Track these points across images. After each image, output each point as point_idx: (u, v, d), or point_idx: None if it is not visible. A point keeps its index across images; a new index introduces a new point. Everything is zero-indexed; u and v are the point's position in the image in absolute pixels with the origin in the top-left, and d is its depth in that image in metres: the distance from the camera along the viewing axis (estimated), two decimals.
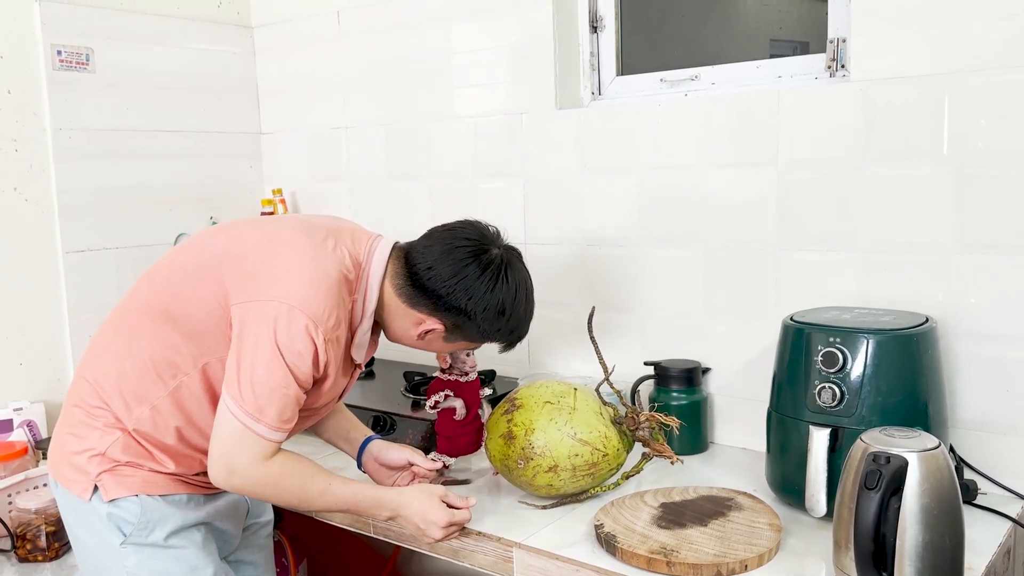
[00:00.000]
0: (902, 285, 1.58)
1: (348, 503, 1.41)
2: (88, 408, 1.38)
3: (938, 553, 1.14)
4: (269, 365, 1.27)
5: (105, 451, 1.36)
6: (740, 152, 1.74)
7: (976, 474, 1.52)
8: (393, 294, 1.41)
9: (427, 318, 1.40)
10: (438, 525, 1.40)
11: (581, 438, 1.47)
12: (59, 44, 2.15)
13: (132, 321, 1.39)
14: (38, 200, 2.14)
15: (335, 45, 2.39)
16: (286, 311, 1.27)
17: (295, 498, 1.37)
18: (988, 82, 1.47)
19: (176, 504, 1.40)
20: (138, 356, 1.36)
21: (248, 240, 1.38)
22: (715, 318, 1.82)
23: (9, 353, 2.11)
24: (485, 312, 1.39)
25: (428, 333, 1.42)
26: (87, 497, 1.36)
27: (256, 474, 1.31)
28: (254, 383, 1.27)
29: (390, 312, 1.42)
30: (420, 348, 1.49)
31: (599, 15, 2.03)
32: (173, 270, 1.40)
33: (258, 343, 1.27)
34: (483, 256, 1.39)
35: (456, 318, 1.39)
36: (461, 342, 1.46)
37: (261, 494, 1.35)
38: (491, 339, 1.45)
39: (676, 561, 1.25)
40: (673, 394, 1.77)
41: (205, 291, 1.34)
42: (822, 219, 1.66)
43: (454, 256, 1.38)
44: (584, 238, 1.98)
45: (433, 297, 1.38)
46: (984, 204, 1.49)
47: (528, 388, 1.56)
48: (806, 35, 1.86)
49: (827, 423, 1.39)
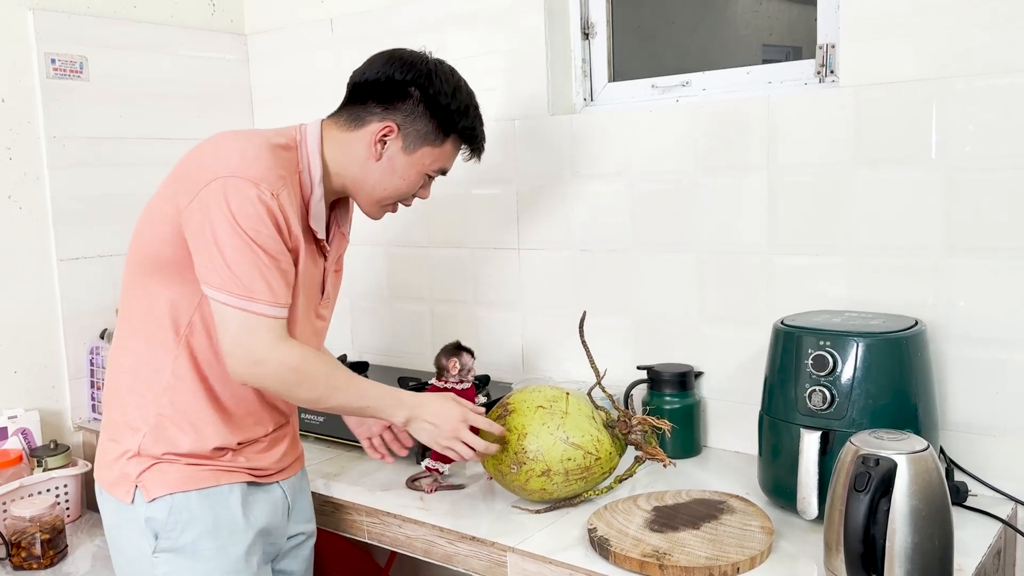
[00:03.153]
0: (892, 288, 1.60)
1: (371, 397, 1.39)
2: (118, 407, 1.38)
3: (927, 554, 1.15)
4: (232, 242, 1.24)
5: (139, 449, 1.34)
6: (731, 157, 1.76)
7: (966, 476, 1.53)
8: (342, 133, 1.43)
9: (377, 125, 1.40)
10: (456, 418, 1.41)
11: (573, 442, 1.48)
12: (53, 52, 2.16)
13: (126, 303, 1.39)
14: (32, 208, 2.14)
15: (329, 52, 2.40)
16: (226, 184, 1.25)
17: (322, 386, 1.33)
18: (975, 87, 1.48)
19: (214, 499, 1.35)
20: (141, 330, 1.36)
21: (179, 161, 1.37)
22: (707, 322, 1.83)
23: (3, 361, 2.11)
24: (428, 83, 1.40)
25: (384, 143, 1.41)
26: (129, 500, 1.34)
27: (280, 356, 1.27)
28: (229, 265, 1.24)
29: (347, 156, 1.42)
30: (382, 186, 1.44)
31: (591, 22, 2.04)
32: (136, 232, 1.39)
33: (214, 226, 1.24)
34: (406, 49, 1.45)
35: (404, 106, 1.40)
36: (422, 148, 1.43)
37: (289, 380, 1.30)
38: (448, 124, 1.43)
39: (669, 564, 1.26)
40: (666, 398, 1.78)
41: (160, 222, 1.32)
42: (813, 223, 1.67)
43: (379, 56, 1.45)
44: (577, 243, 1.99)
45: (376, 94, 1.40)
46: (972, 207, 1.51)
47: (520, 393, 1.56)
48: (797, 40, 1.87)
49: (818, 426, 1.39)
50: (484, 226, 2.14)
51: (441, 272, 2.24)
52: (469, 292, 2.20)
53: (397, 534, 1.54)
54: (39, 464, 1.99)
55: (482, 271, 2.17)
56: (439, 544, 1.48)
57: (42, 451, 2.02)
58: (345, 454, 1.86)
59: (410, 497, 1.61)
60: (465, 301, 2.20)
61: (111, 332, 2.19)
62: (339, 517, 1.63)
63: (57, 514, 1.84)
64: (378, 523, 1.57)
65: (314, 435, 1.93)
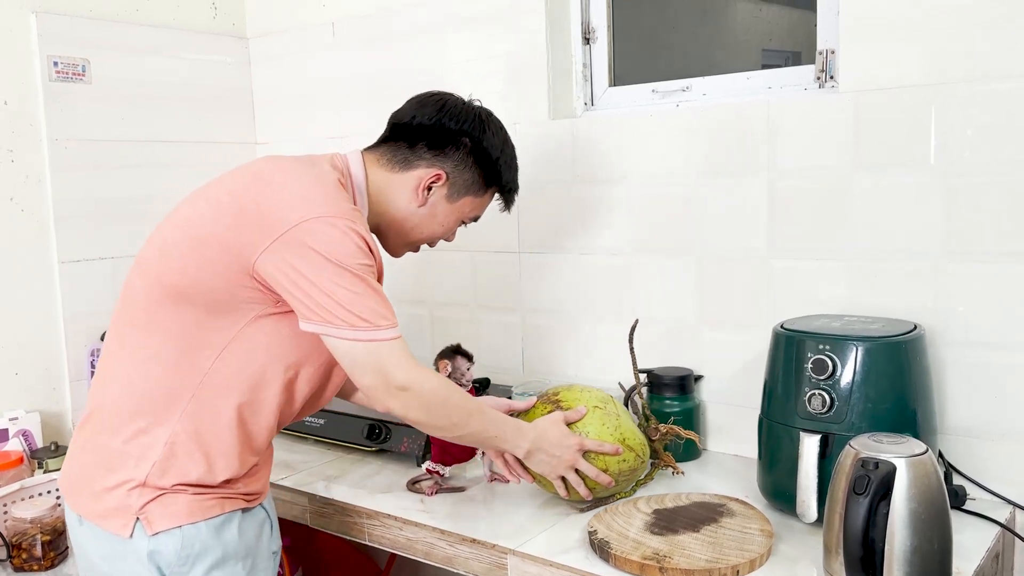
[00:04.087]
0: (891, 293, 1.60)
1: (499, 426, 1.40)
2: (117, 434, 1.28)
3: (926, 557, 1.16)
4: (341, 281, 1.21)
5: (145, 479, 1.25)
6: (731, 162, 1.76)
7: (965, 479, 1.53)
8: (385, 174, 1.42)
9: (425, 171, 1.41)
10: (572, 448, 1.43)
11: (628, 444, 1.50)
12: (55, 55, 2.16)
13: (139, 322, 1.30)
14: (34, 210, 2.15)
15: (330, 55, 2.41)
16: (316, 227, 1.22)
17: (460, 410, 1.34)
18: (974, 92, 1.49)
19: (221, 528, 1.29)
20: (162, 350, 1.27)
21: (232, 190, 1.30)
22: (707, 326, 1.83)
23: (4, 363, 2.11)
24: (482, 135, 1.42)
25: (432, 189, 1.42)
26: (127, 534, 1.25)
27: (419, 378, 1.26)
28: (345, 305, 1.21)
29: (388, 197, 1.42)
30: (419, 230, 1.46)
31: (592, 26, 2.05)
32: (165, 251, 1.31)
33: (317, 269, 1.21)
34: (456, 96, 1.47)
35: (455, 155, 1.42)
36: (464, 197, 1.46)
37: (433, 403, 1.29)
38: (494, 177, 1.46)
39: (669, 567, 1.26)
40: (666, 401, 1.78)
41: (215, 254, 1.25)
42: (812, 228, 1.68)
43: (430, 100, 1.46)
44: (577, 247, 1.99)
45: (428, 140, 1.41)
46: (971, 212, 1.51)
47: (568, 391, 1.55)
48: (797, 45, 1.88)
49: (817, 430, 1.40)
50: (484, 230, 2.14)
51: (441, 276, 2.25)
52: (469, 295, 2.20)
53: (397, 536, 1.54)
54: (40, 466, 1.99)
55: (482, 275, 2.17)
56: (439, 546, 1.48)
57: (43, 453, 2.03)
58: (345, 456, 1.86)
59: (410, 499, 1.61)
60: (466, 304, 2.21)
61: None
62: (339, 519, 1.63)
63: (58, 516, 1.84)
64: (378, 525, 1.57)
65: (314, 437, 1.93)
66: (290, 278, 1.22)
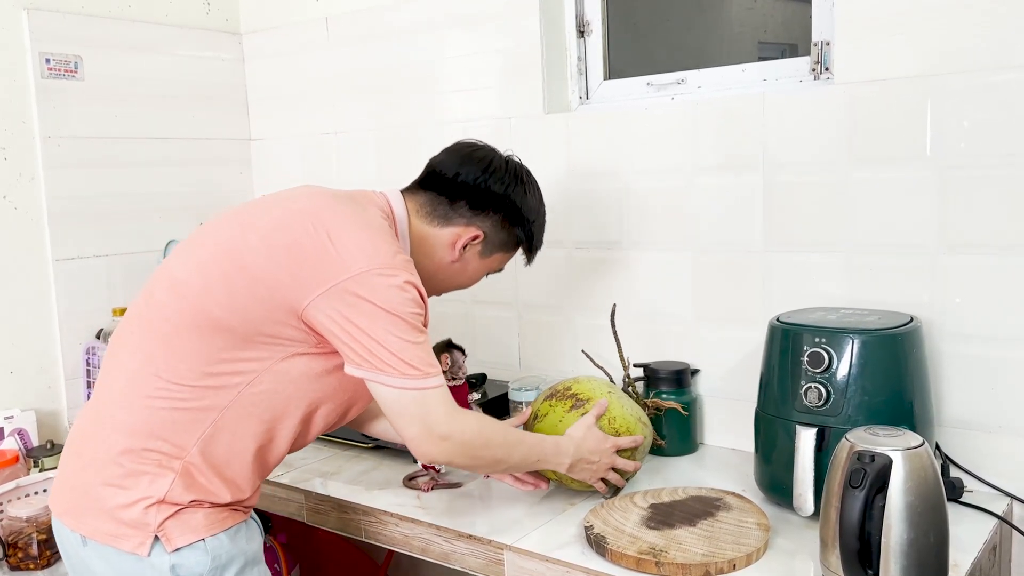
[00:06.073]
0: (887, 286, 1.60)
1: (539, 450, 1.40)
2: (132, 452, 1.25)
3: (923, 550, 1.16)
4: (395, 330, 1.22)
5: (164, 496, 1.23)
6: (726, 155, 1.76)
7: (962, 472, 1.53)
8: (423, 225, 1.43)
9: (464, 229, 1.43)
10: (607, 450, 1.45)
11: (643, 422, 1.56)
12: (47, 52, 2.15)
13: (168, 342, 1.27)
14: (27, 208, 2.14)
15: (324, 51, 2.40)
16: (375, 275, 1.22)
17: (501, 449, 1.34)
18: (970, 84, 1.49)
19: (232, 538, 1.30)
20: (189, 374, 1.25)
21: (286, 227, 1.28)
22: (703, 320, 1.83)
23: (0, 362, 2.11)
24: (522, 199, 1.45)
25: (467, 247, 1.44)
26: (145, 552, 1.22)
27: (460, 425, 1.27)
28: (397, 353, 1.22)
29: (423, 249, 1.43)
30: (449, 282, 1.49)
31: (586, 20, 2.04)
32: (209, 281, 1.27)
33: (368, 320, 1.21)
34: (499, 155, 1.47)
35: (494, 216, 1.44)
36: (496, 254, 1.49)
37: (475, 446, 1.30)
38: (527, 237, 1.49)
39: (665, 561, 1.26)
40: (663, 395, 1.78)
41: (264, 292, 1.24)
42: (808, 221, 1.67)
43: (474, 157, 1.45)
44: (572, 241, 1.99)
45: (470, 199, 1.42)
46: (967, 205, 1.51)
47: (578, 383, 1.56)
48: (792, 38, 1.87)
49: (814, 423, 1.40)
50: None
51: None
52: (465, 291, 2.19)
53: (394, 533, 1.54)
54: (35, 464, 1.99)
55: None
56: (436, 542, 1.48)
57: (38, 451, 2.02)
58: (341, 453, 1.86)
59: (407, 496, 1.61)
60: (462, 299, 2.20)
61: (107, 332, 2.18)
62: (336, 516, 1.63)
63: None
64: (375, 522, 1.57)
65: None
66: (341, 325, 1.22)
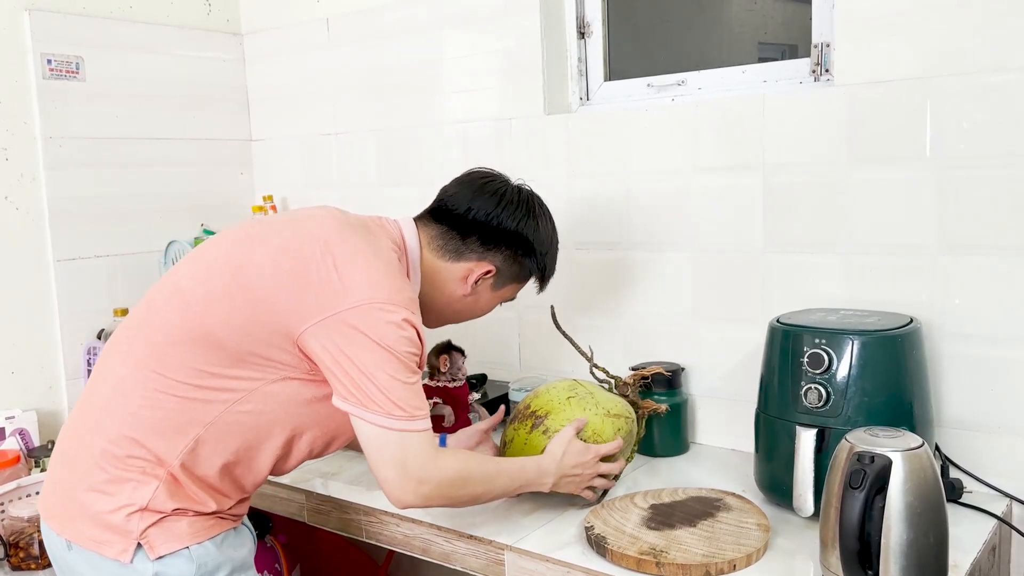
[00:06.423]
0: (887, 287, 1.60)
1: (520, 478, 1.38)
2: (116, 458, 1.25)
3: (923, 551, 1.16)
4: (384, 366, 1.21)
5: (147, 504, 1.23)
6: (726, 156, 1.76)
7: (962, 473, 1.53)
8: (435, 259, 1.43)
9: (476, 264, 1.43)
10: (589, 460, 1.43)
11: (614, 413, 1.52)
12: (49, 53, 2.15)
13: (162, 351, 1.27)
14: (29, 208, 2.14)
15: (325, 52, 2.41)
16: (376, 309, 1.22)
17: (480, 485, 1.32)
18: (969, 85, 1.49)
19: (219, 545, 1.29)
20: (179, 386, 1.25)
21: (295, 252, 1.27)
22: (703, 321, 1.83)
23: (1, 362, 2.11)
24: (535, 233, 1.44)
25: (479, 281, 1.44)
26: (127, 559, 1.22)
27: (440, 471, 1.26)
28: (385, 391, 1.21)
29: (435, 282, 1.43)
30: (461, 314, 1.50)
31: (586, 21, 2.05)
32: (212, 297, 1.27)
33: (361, 353, 1.21)
34: (511, 186, 1.46)
35: (507, 251, 1.44)
36: (508, 285, 1.49)
37: (454, 487, 1.28)
38: (540, 268, 1.49)
39: (665, 562, 1.26)
40: (654, 397, 1.78)
41: (264, 316, 1.24)
42: (808, 222, 1.68)
43: (486, 191, 1.44)
44: (572, 241, 1.99)
45: (482, 235, 1.42)
46: (967, 206, 1.51)
47: (536, 398, 1.54)
48: (792, 39, 1.88)
49: (814, 424, 1.40)
50: None
51: None
52: None
53: (395, 533, 1.54)
54: (37, 464, 1.99)
55: None
56: (437, 543, 1.48)
57: (40, 451, 2.02)
58: (342, 453, 1.86)
59: None
60: None
61: (108, 332, 2.19)
62: (337, 516, 1.63)
63: None
64: (376, 522, 1.57)
65: None
66: (333, 356, 1.22)
